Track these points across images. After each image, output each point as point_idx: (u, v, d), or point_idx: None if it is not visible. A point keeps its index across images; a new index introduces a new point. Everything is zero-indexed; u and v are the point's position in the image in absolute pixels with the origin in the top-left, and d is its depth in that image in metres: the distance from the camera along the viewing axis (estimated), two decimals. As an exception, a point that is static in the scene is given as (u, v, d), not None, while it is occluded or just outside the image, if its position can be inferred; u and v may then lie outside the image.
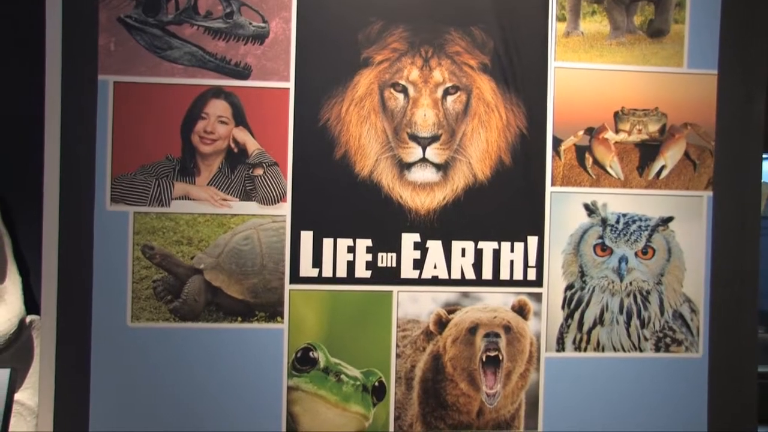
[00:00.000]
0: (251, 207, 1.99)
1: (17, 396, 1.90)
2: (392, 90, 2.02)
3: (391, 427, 2.02)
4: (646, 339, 2.09)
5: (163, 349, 1.97)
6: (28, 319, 2.03)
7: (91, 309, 1.95)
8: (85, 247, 1.95)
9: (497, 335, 2.04)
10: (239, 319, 1.99)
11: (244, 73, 1.99)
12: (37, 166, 1.94)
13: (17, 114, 2.07)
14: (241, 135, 1.99)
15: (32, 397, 2.01)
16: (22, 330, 2.00)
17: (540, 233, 2.06)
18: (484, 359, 2.04)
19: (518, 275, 2.06)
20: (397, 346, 2.03)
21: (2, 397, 1.71)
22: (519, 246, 2.06)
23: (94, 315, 1.95)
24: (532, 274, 2.07)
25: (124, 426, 1.95)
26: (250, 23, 1.99)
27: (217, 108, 1.98)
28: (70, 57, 1.92)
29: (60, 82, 1.91)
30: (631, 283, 2.08)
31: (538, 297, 2.07)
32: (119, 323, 1.96)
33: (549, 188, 2.06)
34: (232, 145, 1.99)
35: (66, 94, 1.92)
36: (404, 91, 2.02)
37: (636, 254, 2.08)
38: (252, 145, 1.99)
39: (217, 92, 1.98)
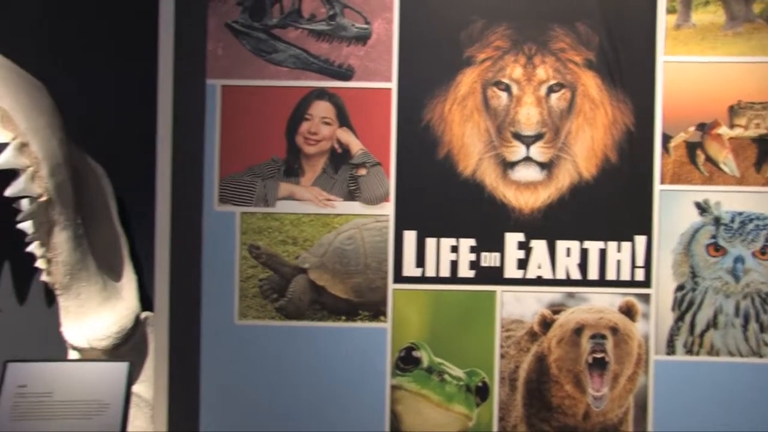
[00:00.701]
0: (355, 207, 2.01)
1: (134, 388, 1.97)
2: (495, 88, 1.99)
3: (495, 428, 2.00)
4: (766, 344, 1.99)
5: (268, 347, 2.01)
6: (143, 315, 2.11)
7: (201, 306, 2.01)
8: (194, 247, 2.01)
9: (603, 337, 1.99)
10: (343, 318, 2.01)
11: (347, 74, 2.01)
12: (150, 169, 2.01)
13: (131, 118, 2.16)
14: (345, 135, 2.01)
15: (148, 390, 2.09)
16: (137, 326, 2.08)
17: (648, 232, 2.00)
18: (590, 361, 1.99)
19: (625, 275, 2.01)
20: (501, 346, 2.01)
21: (122, 389, 1.78)
22: (626, 246, 2.00)
23: (203, 312, 2.01)
24: (639, 275, 2.01)
25: (232, 418, 2.01)
26: (353, 25, 2.00)
27: (321, 109, 2.01)
28: (181, 62, 1.98)
29: (171, 86, 1.97)
30: (748, 285, 1.99)
31: (645, 298, 2.01)
32: (227, 321, 2.01)
33: (657, 186, 2.00)
34: (336, 146, 2.01)
35: (177, 98, 1.98)
36: (507, 89, 1.99)
37: (753, 254, 1.99)
38: (355, 146, 2.01)
39: (321, 93, 2.01)
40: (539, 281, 2.01)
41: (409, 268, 2.01)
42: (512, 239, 2.00)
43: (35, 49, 2.21)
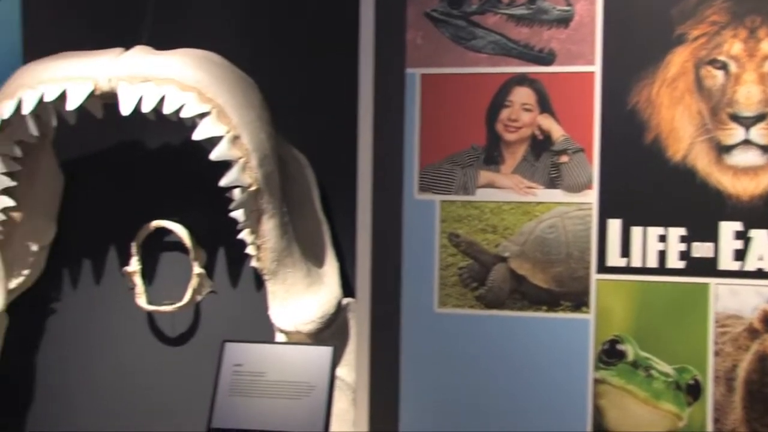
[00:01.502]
0: (556, 195, 1.96)
1: (337, 371, 2.03)
2: (710, 67, 1.87)
3: (710, 429, 1.88)
4: None
5: (468, 336, 2.01)
6: (345, 301, 2.17)
7: (401, 294, 2.04)
8: (395, 235, 2.04)
9: (834, 336, 1.82)
10: (544, 308, 1.97)
11: (548, 58, 1.95)
12: (351, 158, 2.06)
13: (334, 110, 2.22)
14: (546, 122, 1.96)
15: (349, 374, 2.15)
16: (339, 311, 2.14)
17: None
18: (819, 362, 1.83)
19: None
20: (716, 343, 1.88)
21: (327, 372, 1.84)
22: None
23: (403, 300, 2.04)
24: None
25: (431, 402, 2.02)
26: (554, 7, 1.95)
27: (522, 95, 1.97)
28: (381, 52, 2.01)
29: (372, 76, 2.01)
30: None
31: None
32: (427, 309, 2.03)
33: None
34: (537, 133, 1.97)
35: (377, 87, 2.01)
36: (724, 67, 1.86)
37: None
38: (557, 132, 1.95)
39: (521, 79, 1.97)
40: (759, 274, 1.86)
41: (614, 258, 1.93)
42: (728, 228, 1.87)
43: (246, 48, 2.33)
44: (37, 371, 2.53)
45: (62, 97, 2.02)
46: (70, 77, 2.03)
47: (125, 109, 1.98)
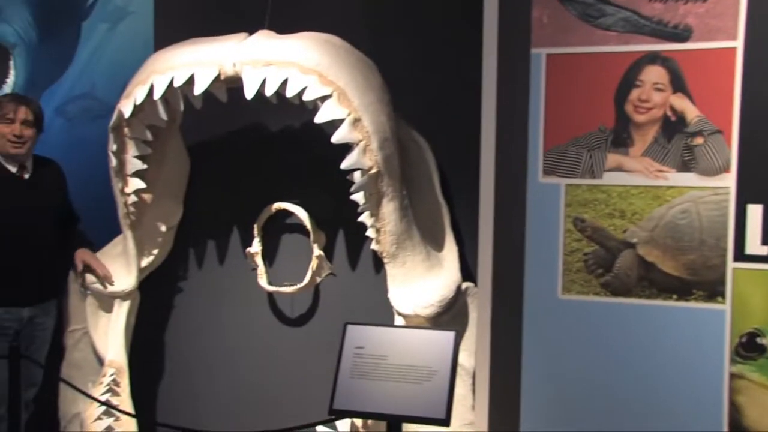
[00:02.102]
0: (690, 179, 1.86)
1: (457, 357, 2.01)
2: None
3: None
4: None
5: (592, 323, 1.95)
6: (464, 285, 2.14)
7: (524, 279, 1.99)
8: (518, 219, 1.99)
9: None
10: (674, 296, 1.88)
11: (683, 35, 1.85)
12: (473, 141, 2.02)
13: (455, 91, 2.19)
14: (680, 102, 1.86)
15: (468, 359, 2.12)
16: (458, 296, 2.12)
17: None
18: None
19: None
20: None
21: (449, 357, 1.81)
22: None
23: (526, 285, 1.99)
24: None
25: (553, 390, 1.97)
26: (691, -20, 1.84)
27: (653, 74, 1.88)
28: (506, 32, 1.96)
29: (496, 57, 1.96)
30: None
31: None
32: (550, 295, 1.97)
33: None
34: (669, 113, 1.87)
35: (501, 68, 1.96)
36: None
37: None
38: (691, 113, 1.85)
39: (653, 58, 1.88)
40: None
41: (754, 246, 1.82)
42: None
43: (367, 29, 2.32)
44: (165, 346, 2.63)
45: (189, 81, 2.08)
46: (197, 62, 2.08)
47: (249, 92, 2.01)
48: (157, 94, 2.08)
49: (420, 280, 2.12)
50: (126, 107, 2.15)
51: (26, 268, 2.34)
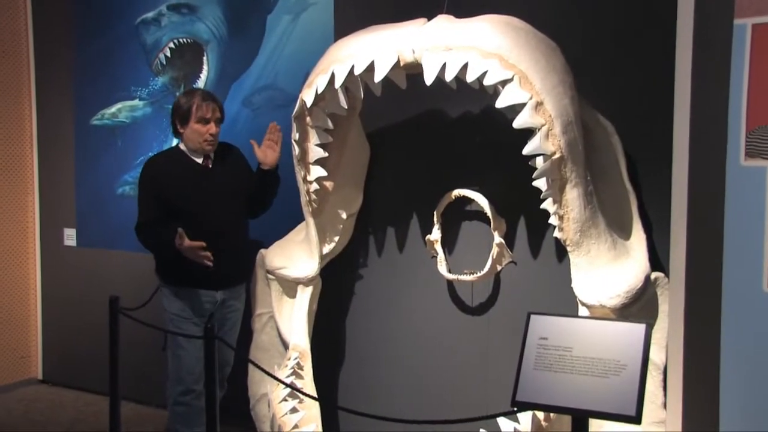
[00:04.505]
0: None
1: (646, 352, 1.90)
2: None
3: None
4: None
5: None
6: (653, 275, 2.02)
7: (722, 270, 1.84)
8: (715, 206, 1.84)
9: None
10: None
11: None
12: (664, 122, 1.89)
13: (646, 69, 2.06)
14: None
15: (658, 354, 2.00)
16: (647, 287, 2.00)
17: None
18: None
19: None
20: None
21: (640, 351, 1.71)
22: None
23: (725, 277, 1.84)
24: None
25: (758, 397, 1.81)
26: None
27: None
28: (705, 1, 1.81)
29: (692, 29, 1.82)
30: None
31: None
32: (753, 287, 1.81)
33: None
34: None
35: (698, 42, 1.82)
36: None
37: None
38: None
39: None
40: None
41: None
42: None
43: (548, 9, 2.25)
44: (346, 333, 2.69)
45: (369, 69, 2.09)
46: (377, 50, 2.09)
47: (429, 77, 1.99)
48: (337, 83, 2.11)
49: (605, 270, 2.02)
50: (308, 96, 2.20)
51: (219, 253, 2.46)
